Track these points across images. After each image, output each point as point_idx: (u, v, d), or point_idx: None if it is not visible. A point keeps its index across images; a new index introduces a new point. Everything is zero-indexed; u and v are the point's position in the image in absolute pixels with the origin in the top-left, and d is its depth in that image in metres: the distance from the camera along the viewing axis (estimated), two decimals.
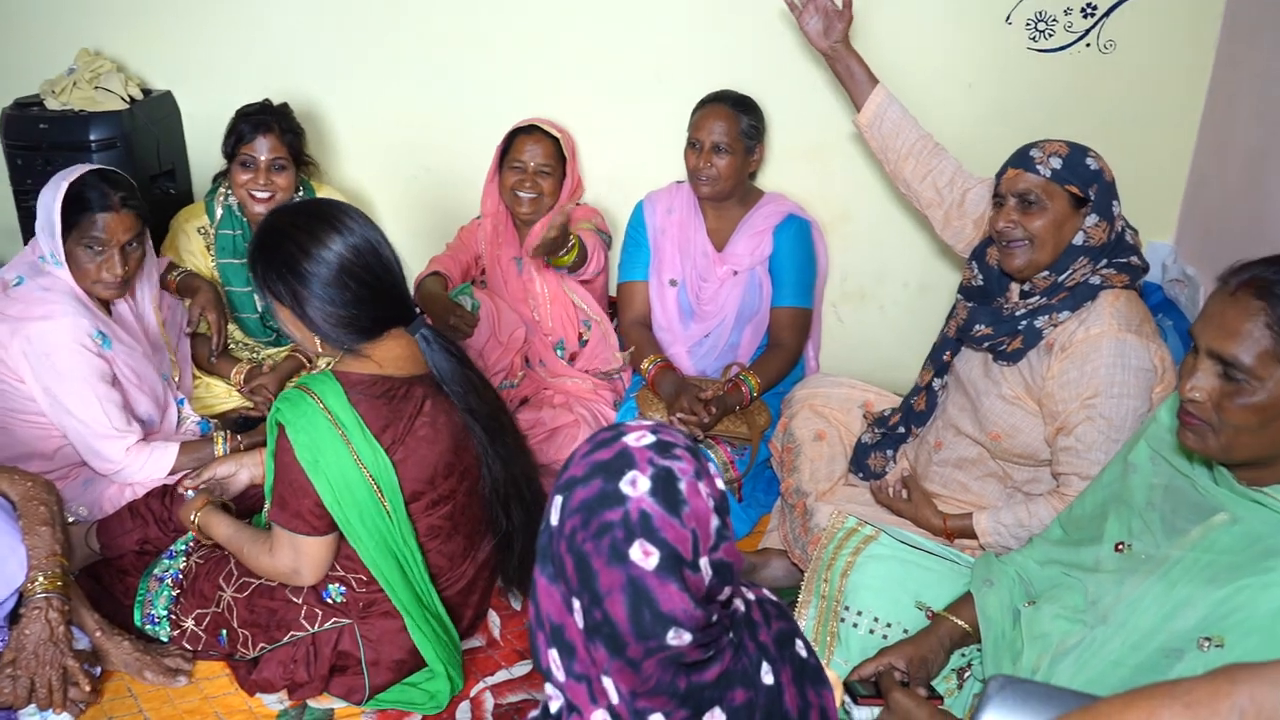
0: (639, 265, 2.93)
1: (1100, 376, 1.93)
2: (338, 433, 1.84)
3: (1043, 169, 1.97)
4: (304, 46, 3.10)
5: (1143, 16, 2.71)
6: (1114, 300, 1.97)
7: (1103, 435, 1.93)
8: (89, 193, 2.20)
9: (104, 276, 2.25)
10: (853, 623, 1.90)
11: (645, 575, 1.02)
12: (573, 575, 1.05)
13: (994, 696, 1.23)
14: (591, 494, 1.05)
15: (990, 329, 2.08)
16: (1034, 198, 1.98)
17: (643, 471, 1.05)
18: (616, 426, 1.13)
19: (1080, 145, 2.01)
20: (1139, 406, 1.94)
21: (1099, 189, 1.99)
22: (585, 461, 1.09)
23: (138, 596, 2.13)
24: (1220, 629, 1.37)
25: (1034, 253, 2.00)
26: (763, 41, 2.91)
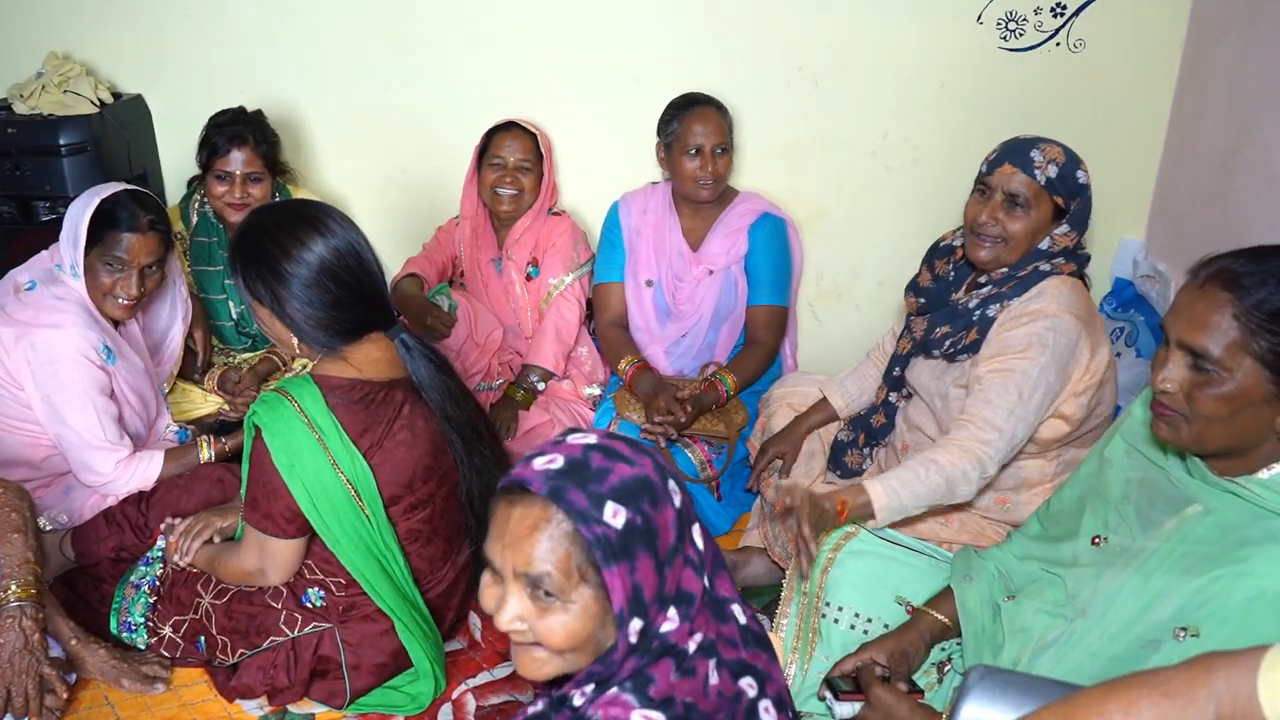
0: (615, 266, 2.93)
1: (1029, 341, 1.93)
2: (315, 437, 1.83)
3: (1039, 174, 1.96)
4: (277, 48, 3.08)
5: (1111, 16, 2.75)
6: (1059, 284, 1.97)
7: (1011, 396, 1.90)
8: (119, 211, 2.20)
9: (118, 294, 2.24)
10: (834, 619, 1.91)
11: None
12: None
13: (974, 687, 1.24)
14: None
15: (949, 326, 2.09)
16: (1023, 200, 1.97)
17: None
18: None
19: (1074, 154, 2.00)
20: (1053, 384, 1.93)
21: (1080, 203, 2.00)
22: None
23: (114, 604, 2.11)
24: (1196, 619, 1.39)
25: (1004, 251, 2.01)
26: (739, 42, 2.92)
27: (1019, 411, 1.91)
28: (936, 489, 1.91)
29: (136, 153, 3.07)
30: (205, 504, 2.26)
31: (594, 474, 1.10)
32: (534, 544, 1.09)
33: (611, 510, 1.09)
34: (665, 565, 1.11)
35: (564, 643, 1.11)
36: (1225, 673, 0.92)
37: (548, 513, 1.09)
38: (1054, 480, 2.06)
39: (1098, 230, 2.97)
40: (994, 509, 2.10)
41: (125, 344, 2.35)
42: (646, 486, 1.11)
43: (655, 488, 1.12)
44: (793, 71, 2.92)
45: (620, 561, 1.08)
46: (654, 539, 1.10)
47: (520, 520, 1.10)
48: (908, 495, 1.90)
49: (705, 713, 1.12)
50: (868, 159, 3.00)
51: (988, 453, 1.91)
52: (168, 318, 2.58)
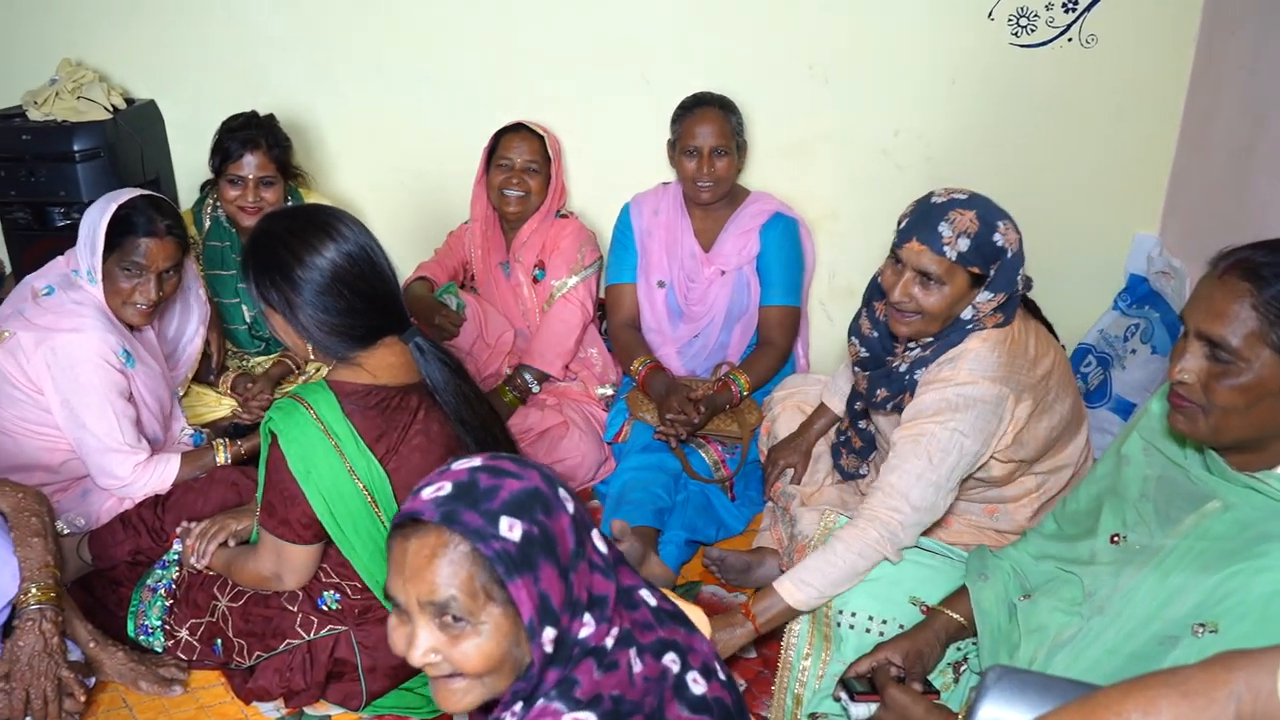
0: (626, 267, 2.93)
1: (940, 407, 1.89)
2: (331, 444, 1.83)
3: (949, 250, 1.86)
4: (288, 52, 3.09)
5: (1124, 10, 2.73)
6: (979, 344, 1.92)
7: (920, 461, 1.88)
8: (136, 217, 2.21)
9: (136, 300, 2.26)
10: (849, 624, 1.90)
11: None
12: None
13: (992, 687, 1.24)
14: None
15: (886, 390, 2.05)
16: (935, 277, 1.89)
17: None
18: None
19: (989, 216, 1.88)
20: (968, 445, 1.88)
21: (1001, 266, 1.90)
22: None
23: (131, 607, 2.12)
24: (1214, 615, 1.38)
25: (924, 324, 1.95)
26: (749, 41, 2.91)
27: (928, 476, 1.88)
28: (852, 567, 1.88)
29: (149, 158, 3.09)
30: (221, 507, 2.26)
31: (483, 493, 1.10)
32: (435, 571, 1.09)
33: (507, 524, 1.09)
34: (570, 571, 1.11)
35: (480, 666, 1.11)
36: (1246, 672, 0.91)
37: (444, 538, 1.08)
38: (1039, 489, 2.04)
39: (1111, 227, 2.97)
40: (985, 519, 2.09)
41: (142, 348, 2.36)
42: (537, 497, 1.11)
43: (546, 497, 1.12)
44: (803, 70, 2.91)
45: (523, 573, 1.08)
46: (553, 547, 1.10)
47: (417, 551, 1.10)
48: (821, 582, 1.88)
49: (634, 701, 1.13)
50: (879, 157, 2.99)
51: (898, 519, 1.88)
52: (183, 321, 2.59)
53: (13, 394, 2.22)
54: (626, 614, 1.19)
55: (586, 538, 1.16)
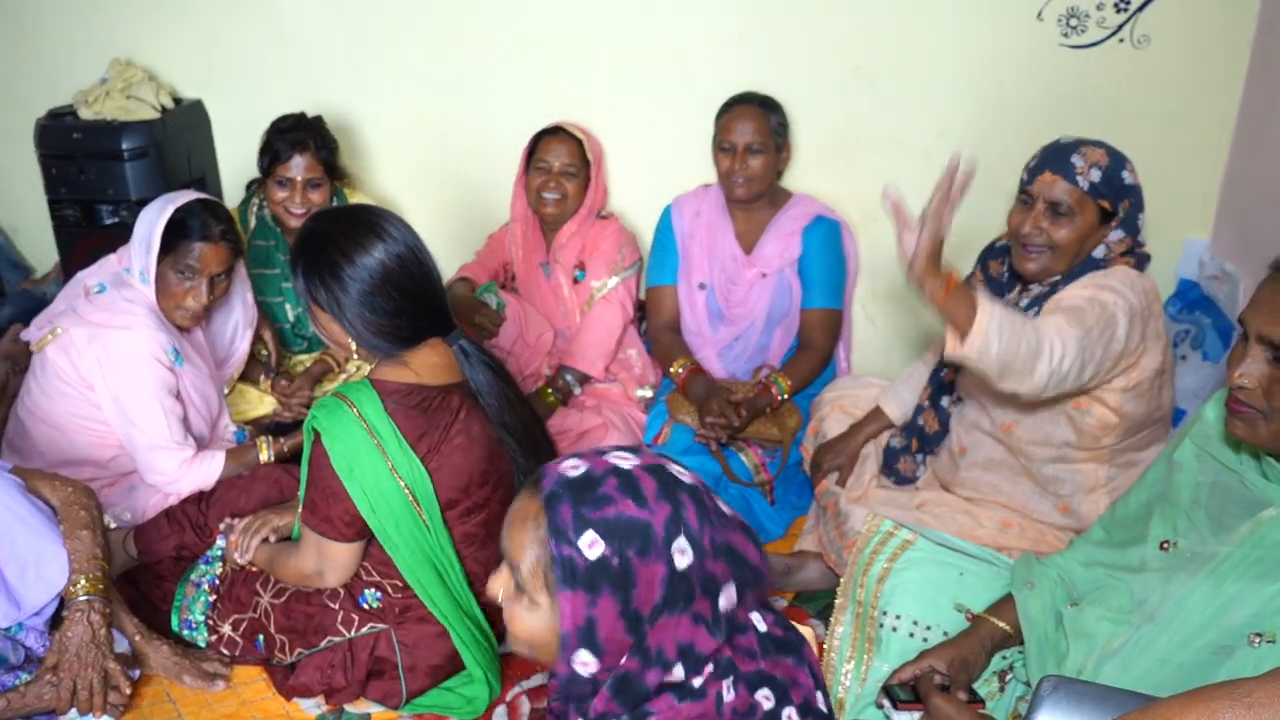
0: (667, 269, 2.92)
1: (1103, 287, 1.86)
2: (374, 442, 1.84)
3: (1081, 180, 1.90)
4: (333, 53, 3.12)
5: (1177, 10, 2.68)
6: (1124, 270, 1.92)
7: (1091, 318, 1.81)
8: (191, 220, 2.24)
9: (188, 304, 2.29)
10: (892, 626, 1.88)
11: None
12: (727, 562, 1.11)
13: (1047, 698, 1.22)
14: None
15: None
16: (1065, 208, 1.91)
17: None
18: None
19: (1119, 154, 1.94)
20: (1121, 322, 1.82)
21: (1131, 204, 1.93)
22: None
23: (175, 602, 2.14)
24: (1272, 625, 1.36)
25: (1052, 260, 1.95)
26: (790, 42, 2.90)
27: (1092, 333, 1.81)
28: (1028, 346, 1.76)
29: (196, 157, 3.13)
30: (263, 504, 2.28)
31: (595, 498, 1.07)
32: (516, 533, 1.11)
33: (589, 540, 1.05)
34: (645, 621, 1.06)
35: (520, 634, 1.13)
36: None
37: (536, 514, 1.09)
38: (1109, 484, 2.02)
39: (1161, 231, 2.90)
40: (1056, 515, 2.06)
41: (190, 347, 2.39)
42: (642, 534, 1.06)
43: (653, 539, 1.06)
44: (848, 71, 2.89)
45: (577, 590, 1.06)
46: (627, 587, 1.05)
47: (519, 507, 1.12)
48: (1007, 336, 1.74)
49: None
50: (923, 160, 2.95)
51: (1066, 339, 1.79)
52: (227, 321, 2.62)
53: (64, 389, 2.26)
54: (730, 640, 1.15)
55: (696, 593, 1.09)
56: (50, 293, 3.06)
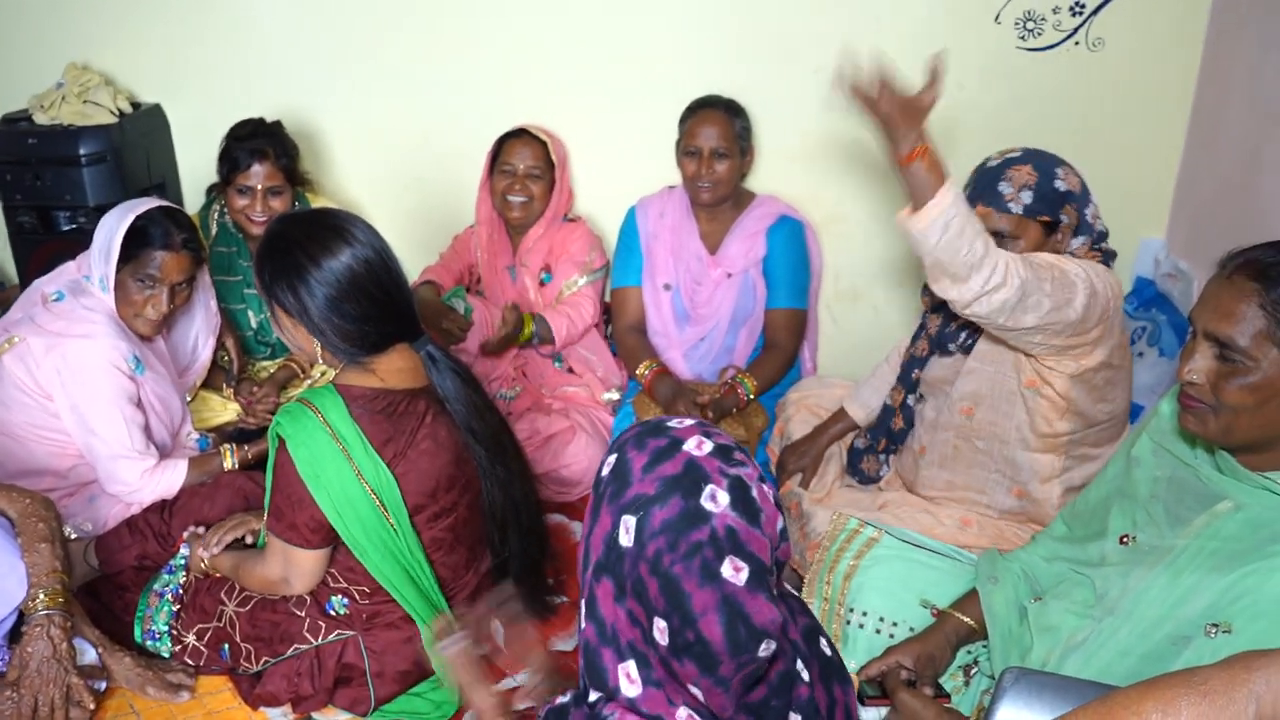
0: (632, 271, 2.93)
1: (1068, 259, 1.85)
2: (339, 447, 1.83)
3: (1014, 206, 1.90)
4: (293, 56, 3.10)
5: (1130, 13, 2.73)
6: (1093, 261, 1.93)
7: (1045, 264, 1.78)
8: (152, 228, 2.21)
9: (148, 312, 2.26)
10: (858, 623, 1.90)
11: (738, 591, 1.01)
12: (658, 597, 1.03)
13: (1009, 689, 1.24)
14: (673, 514, 1.03)
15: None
16: (1007, 234, 1.92)
17: (719, 484, 1.03)
18: (665, 430, 1.10)
19: (1046, 163, 1.93)
20: (1079, 284, 1.79)
21: (1074, 208, 1.93)
22: (652, 477, 1.05)
23: (138, 612, 2.12)
24: (1227, 615, 1.38)
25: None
26: (752, 44, 2.92)
27: (1048, 272, 1.77)
28: (971, 254, 1.71)
29: (155, 162, 3.10)
30: (228, 512, 2.26)
31: (675, 498, 1.03)
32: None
33: (628, 525, 1.05)
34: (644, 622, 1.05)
35: None
36: (1265, 671, 0.91)
37: (620, 459, 1.10)
38: (1064, 474, 2.05)
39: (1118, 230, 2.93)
40: (1012, 502, 2.09)
41: (152, 355, 2.36)
42: (701, 544, 1.01)
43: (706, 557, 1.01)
44: (808, 73, 2.91)
45: (602, 575, 1.07)
46: (676, 597, 1.02)
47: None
48: (954, 232, 1.70)
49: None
50: (884, 161, 2.99)
51: (1012, 270, 1.74)
52: (190, 328, 2.59)
53: (21, 399, 2.22)
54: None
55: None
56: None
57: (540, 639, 1.58)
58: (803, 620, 1.23)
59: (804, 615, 1.24)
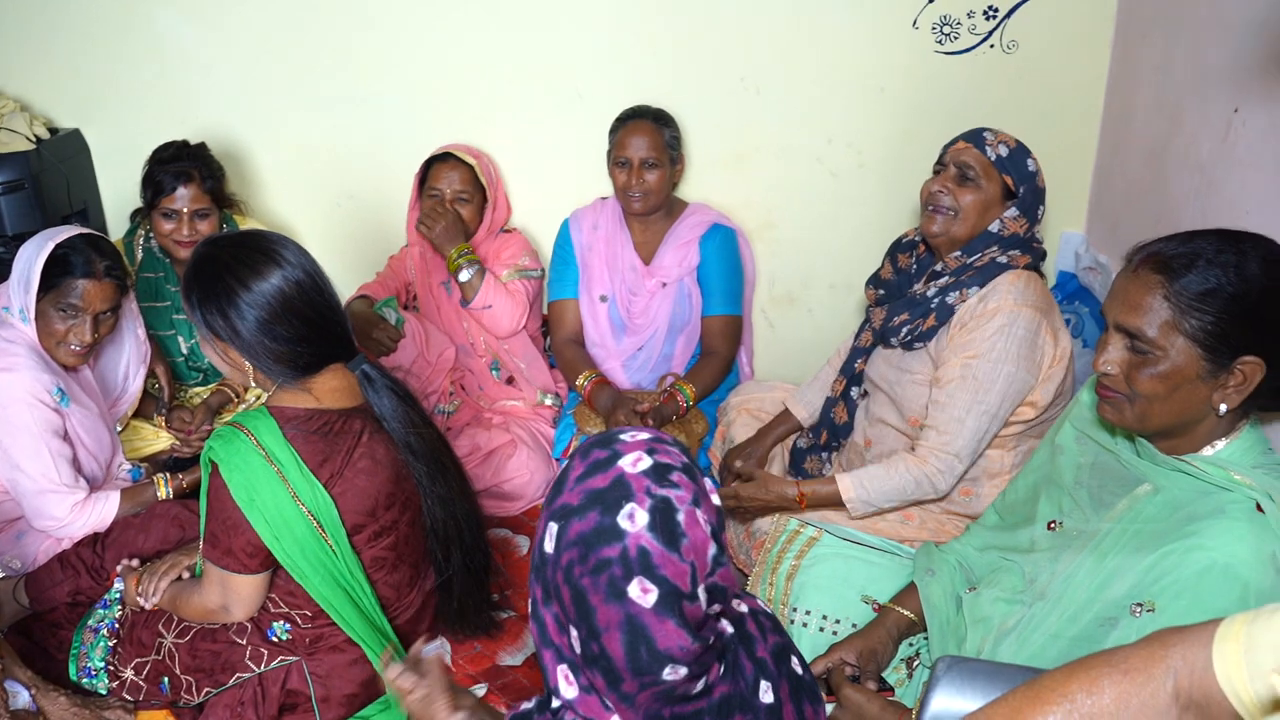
0: (568, 283, 2.93)
1: (984, 341, 1.98)
2: (274, 470, 1.80)
3: (990, 150, 2.06)
4: (217, 76, 3.05)
5: (1042, 17, 2.81)
6: (1015, 279, 2.03)
7: (968, 393, 1.98)
8: (74, 257, 2.16)
9: (71, 342, 2.20)
10: (802, 622, 1.92)
11: (643, 613, 1.00)
12: (569, 605, 1.04)
13: (942, 677, 1.26)
14: (588, 527, 1.03)
15: (907, 314, 2.14)
16: (973, 174, 2.06)
17: (640, 504, 1.02)
18: (612, 442, 1.10)
19: (1027, 148, 2.11)
20: (1014, 374, 1.97)
21: (1029, 189, 2.07)
22: (581, 488, 1.06)
23: (72, 650, 2.06)
24: (1150, 594, 1.43)
25: (954, 224, 2.08)
26: (681, 55, 2.95)
27: (976, 407, 1.97)
28: (905, 486, 2.00)
29: (76, 188, 3.03)
30: (163, 543, 2.22)
31: (566, 515, 1.06)
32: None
33: (553, 531, 1.06)
34: (576, 638, 1.06)
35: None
36: (1181, 648, 0.94)
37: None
38: (1012, 471, 2.10)
39: (1040, 225, 3.04)
40: (957, 500, 2.14)
41: (78, 386, 2.31)
42: (609, 560, 1.02)
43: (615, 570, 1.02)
44: (735, 82, 2.95)
45: (536, 579, 1.09)
46: (583, 608, 1.03)
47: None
48: (876, 490, 2.02)
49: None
50: (813, 165, 3.04)
51: (948, 451, 1.98)
52: (119, 357, 2.53)
53: None
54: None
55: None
56: None
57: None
58: (773, 639, 1.23)
59: (775, 634, 1.24)
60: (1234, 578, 1.35)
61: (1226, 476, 1.44)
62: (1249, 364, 1.41)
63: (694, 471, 1.08)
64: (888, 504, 2.04)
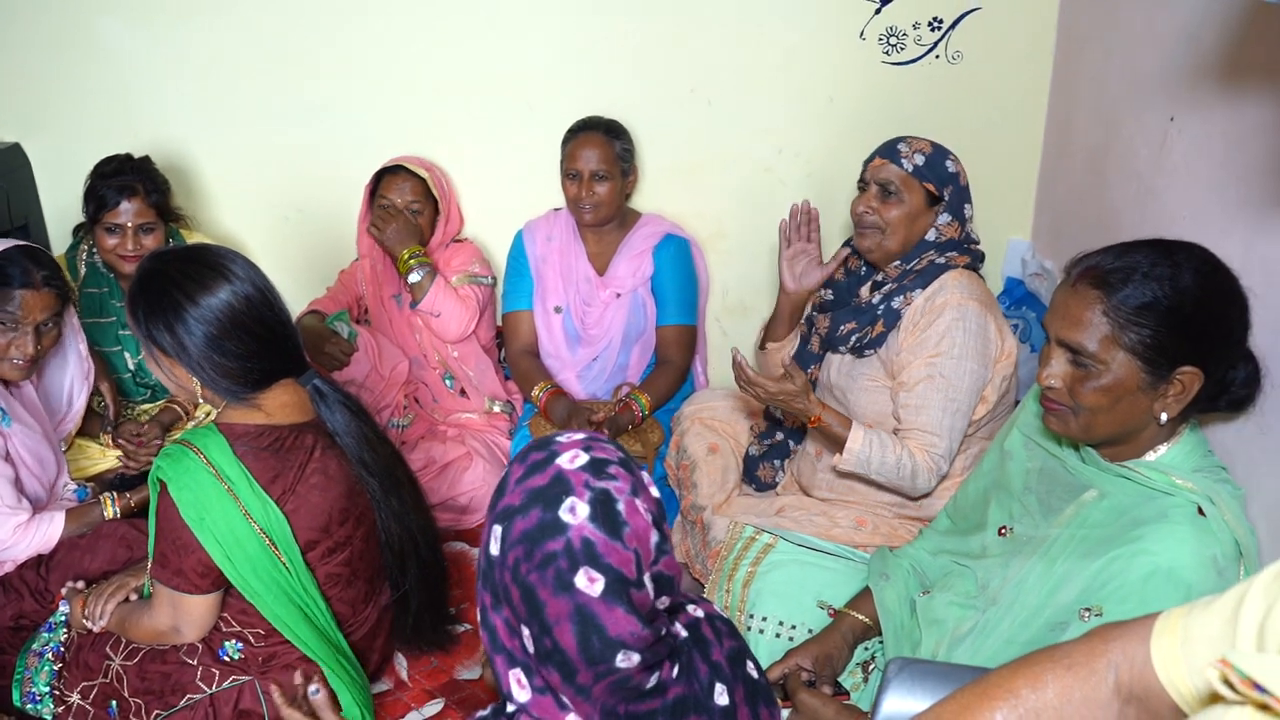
0: (522, 294, 2.93)
1: (942, 338, 2.03)
2: (224, 488, 1.78)
3: (906, 163, 2.10)
4: (161, 88, 3.01)
5: (985, 29, 2.87)
6: (958, 276, 2.08)
7: (939, 393, 2.02)
8: (10, 268, 2.11)
9: (12, 355, 2.15)
10: (758, 629, 1.93)
11: (592, 602, 1.02)
12: (519, 604, 1.05)
13: (894, 679, 1.28)
14: (531, 524, 1.05)
15: (854, 322, 2.18)
16: (894, 188, 2.11)
17: (580, 497, 1.05)
18: (549, 444, 1.12)
19: (943, 148, 2.15)
20: (976, 369, 2.03)
21: (953, 190, 2.12)
22: (521, 489, 1.08)
23: (15, 675, 2.02)
24: (1098, 599, 1.45)
25: (884, 239, 2.13)
26: (632, 66, 2.96)
27: (949, 407, 2.01)
28: (900, 469, 2.01)
29: (16, 202, 2.97)
30: (111, 564, 2.18)
31: (509, 515, 1.08)
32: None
33: (498, 534, 1.08)
34: (526, 635, 1.07)
35: None
36: (1121, 642, 0.96)
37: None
38: (963, 474, 2.13)
39: (987, 232, 3.08)
40: (909, 504, 2.16)
41: (19, 405, 2.26)
42: (550, 560, 1.04)
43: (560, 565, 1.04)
44: (685, 93, 2.97)
45: (484, 585, 1.10)
46: (533, 605, 1.05)
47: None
48: (876, 455, 2.01)
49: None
50: (763, 175, 3.07)
51: (937, 453, 2.01)
52: (62, 375, 2.48)
53: None
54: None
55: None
56: None
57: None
58: (729, 644, 1.25)
59: (731, 638, 1.26)
60: (1178, 581, 1.38)
61: (1169, 481, 1.48)
62: (1187, 374, 1.45)
63: (630, 465, 1.12)
64: (874, 476, 2.03)
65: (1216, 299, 1.45)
